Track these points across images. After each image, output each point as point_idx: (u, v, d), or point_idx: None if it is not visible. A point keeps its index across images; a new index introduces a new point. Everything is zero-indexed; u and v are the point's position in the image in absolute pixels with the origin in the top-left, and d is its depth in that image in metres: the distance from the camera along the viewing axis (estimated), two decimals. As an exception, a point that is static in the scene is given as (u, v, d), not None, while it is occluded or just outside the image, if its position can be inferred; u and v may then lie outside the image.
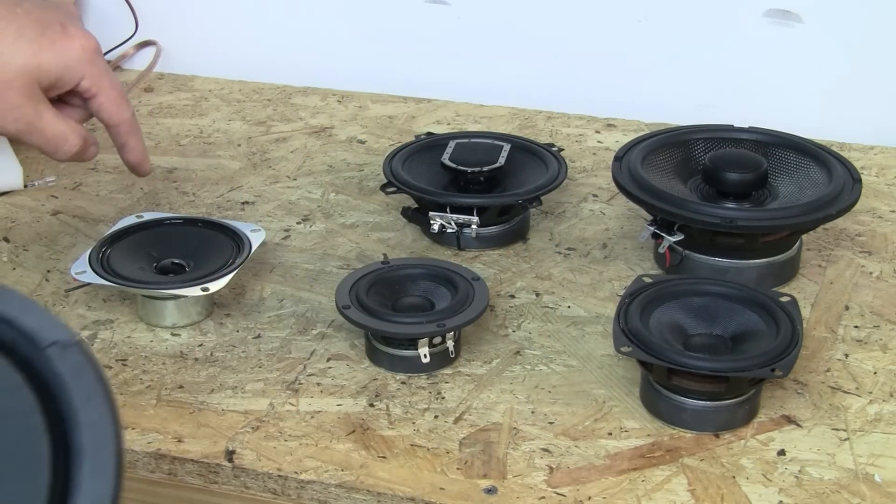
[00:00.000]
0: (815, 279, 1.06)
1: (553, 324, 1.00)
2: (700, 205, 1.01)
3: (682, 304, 0.91)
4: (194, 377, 0.93)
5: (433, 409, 0.89)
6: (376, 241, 1.13)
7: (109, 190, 1.23)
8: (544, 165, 1.14)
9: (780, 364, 0.83)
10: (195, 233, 1.05)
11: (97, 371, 0.49)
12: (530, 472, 0.82)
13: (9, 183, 1.22)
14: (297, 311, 1.02)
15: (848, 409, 0.89)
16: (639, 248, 1.11)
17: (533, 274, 1.07)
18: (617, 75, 1.43)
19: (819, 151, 1.08)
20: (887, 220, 1.16)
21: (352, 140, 1.33)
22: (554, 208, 1.18)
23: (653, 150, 1.09)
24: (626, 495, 0.80)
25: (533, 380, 0.93)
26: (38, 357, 0.51)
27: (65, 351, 0.50)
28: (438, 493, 0.81)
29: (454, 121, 1.38)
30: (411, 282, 0.98)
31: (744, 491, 0.81)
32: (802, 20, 1.36)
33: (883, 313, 1.01)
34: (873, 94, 1.36)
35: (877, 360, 0.95)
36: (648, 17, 1.41)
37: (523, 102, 1.42)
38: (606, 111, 1.39)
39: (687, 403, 0.86)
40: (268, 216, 1.17)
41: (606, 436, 0.86)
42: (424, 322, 0.92)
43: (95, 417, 0.48)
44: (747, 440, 0.86)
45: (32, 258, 1.11)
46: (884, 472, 0.82)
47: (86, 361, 0.50)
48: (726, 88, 1.38)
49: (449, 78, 1.45)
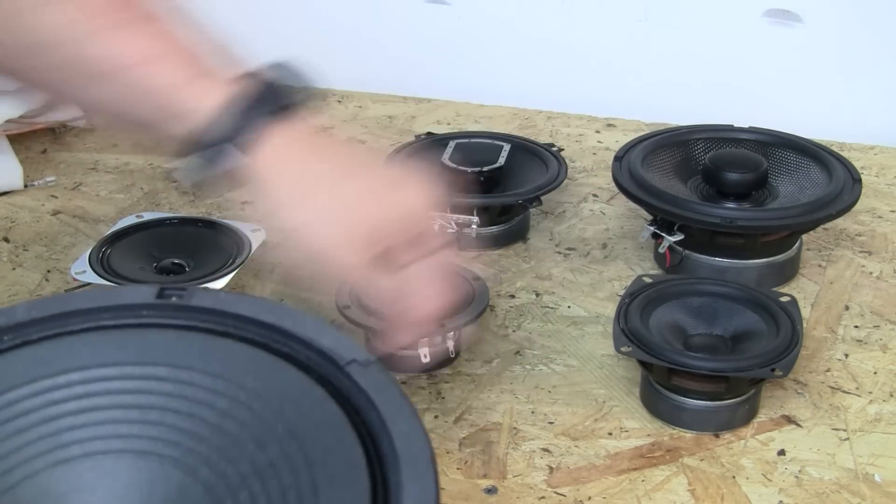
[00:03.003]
0: (815, 279, 1.06)
1: (553, 324, 1.00)
2: (700, 205, 1.01)
3: (682, 304, 0.91)
4: (194, 377, 0.93)
5: (433, 409, 0.89)
6: (376, 241, 1.13)
7: (109, 190, 1.23)
8: (544, 165, 1.14)
9: (780, 364, 0.83)
10: (195, 233, 1.05)
11: (399, 388, 0.54)
12: (530, 472, 0.82)
13: (9, 183, 1.22)
14: (297, 311, 1.02)
15: (848, 409, 0.89)
16: (639, 248, 1.11)
17: (533, 274, 1.07)
18: (617, 75, 1.43)
19: (819, 151, 1.08)
20: (887, 220, 1.16)
21: (352, 140, 1.33)
22: (554, 208, 1.18)
23: (653, 150, 1.09)
24: (626, 495, 0.80)
25: (533, 380, 0.93)
26: (338, 374, 0.55)
27: (365, 368, 0.55)
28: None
29: (454, 121, 1.38)
30: (411, 282, 0.98)
31: (744, 491, 0.80)
32: (802, 20, 1.36)
33: (883, 313, 1.01)
34: (873, 94, 1.36)
35: (877, 360, 0.95)
36: (648, 17, 1.41)
37: (523, 102, 1.42)
38: (606, 111, 1.39)
39: (687, 403, 0.86)
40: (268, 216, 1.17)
41: (606, 436, 0.86)
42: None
43: (407, 429, 0.52)
44: (747, 440, 0.86)
45: (32, 258, 1.11)
46: (884, 472, 0.82)
47: (388, 378, 0.54)
48: (726, 88, 1.38)
49: (449, 78, 1.45)
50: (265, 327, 0.59)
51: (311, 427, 0.53)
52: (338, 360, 0.56)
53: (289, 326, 0.58)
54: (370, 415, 0.53)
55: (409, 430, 0.52)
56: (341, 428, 0.53)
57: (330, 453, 0.52)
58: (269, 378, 0.56)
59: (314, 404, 0.54)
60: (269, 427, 0.54)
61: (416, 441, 0.51)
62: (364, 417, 0.53)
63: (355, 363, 0.55)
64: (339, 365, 0.55)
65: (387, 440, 0.52)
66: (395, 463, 0.50)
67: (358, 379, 0.55)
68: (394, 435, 0.51)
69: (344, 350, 0.56)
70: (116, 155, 1.31)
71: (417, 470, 0.50)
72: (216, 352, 0.58)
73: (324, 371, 0.56)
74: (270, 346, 0.58)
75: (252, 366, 0.57)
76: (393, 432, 0.52)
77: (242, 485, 0.52)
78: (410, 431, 0.52)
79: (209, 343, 0.59)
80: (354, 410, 0.54)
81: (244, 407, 0.55)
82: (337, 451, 0.52)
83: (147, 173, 1.27)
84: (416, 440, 0.51)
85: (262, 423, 0.54)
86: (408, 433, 0.52)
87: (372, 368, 0.55)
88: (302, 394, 0.55)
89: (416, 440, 0.51)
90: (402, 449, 0.51)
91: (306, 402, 0.54)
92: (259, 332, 0.59)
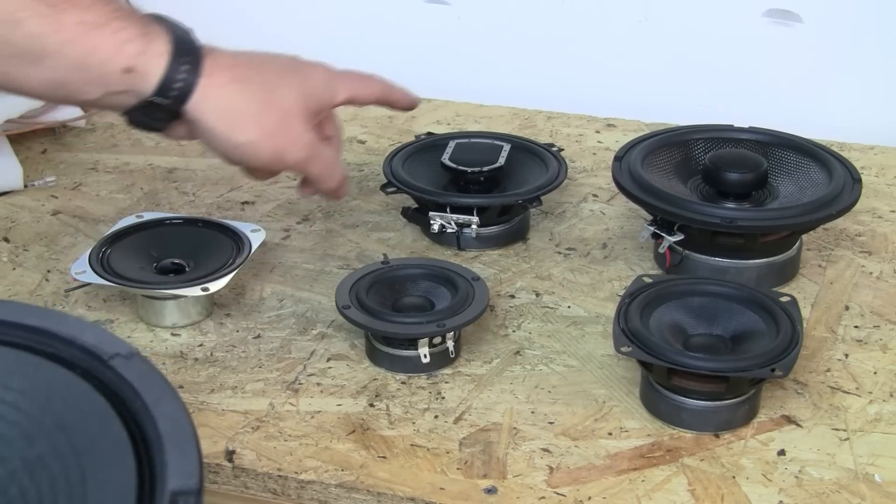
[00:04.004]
0: (815, 279, 1.06)
1: (553, 324, 1.00)
2: (700, 205, 1.01)
3: (682, 304, 0.91)
4: (194, 377, 0.93)
5: (433, 409, 0.89)
6: (376, 241, 1.13)
7: (109, 190, 1.23)
8: (544, 165, 1.14)
9: (780, 364, 0.83)
10: (195, 233, 1.05)
11: (161, 376, 0.57)
12: (530, 472, 0.82)
13: (9, 183, 1.22)
14: (297, 311, 1.02)
15: (848, 409, 0.89)
16: (639, 248, 1.11)
17: (533, 274, 1.07)
18: (617, 75, 1.43)
19: (819, 151, 1.08)
20: (887, 220, 1.16)
21: (352, 140, 1.33)
22: (554, 208, 1.18)
23: (653, 150, 1.09)
24: (626, 495, 0.80)
25: (533, 380, 0.93)
26: (102, 368, 0.58)
27: (128, 361, 0.58)
28: (438, 493, 0.81)
29: (454, 121, 1.38)
30: (411, 282, 0.98)
31: (744, 491, 0.80)
32: (802, 20, 1.36)
33: (883, 313, 1.01)
34: (873, 94, 1.36)
35: (877, 360, 0.95)
36: (648, 17, 1.41)
37: (523, 102, 1.42)
38: (606, 111, 1.39)
39: (687, 403, 0.86)
40: (268, 216, 1.17)
41: (606, 436, 0.86)
42: (424, 322, 0.92)
43: (170, 411, 0.55)
44: (747, 440, 0.86)
45: (32, 258, 1.11)
46: (884, 472, 0.82)
47: (150, 368, 0.58)
48: (726, 88, 1.38)
49: (449, 78, 1.45)
50: (28, 330, 0.61)
51: (79, 419, 0.55)
52: (101, 354, 0.58)
53: (52, 327, 0.61)
54: (135, 403, 0.56)
55: (172, 413, 0.55)
56: (107, 417, 0.55)
57: (97, 441, 0.54)
58: (34, 377, 0.58)
59: (80, 398, 0.57)
60: (37, 423, 0.56)
61: (179, 421, 0.54)
62: (129, 406, 0.56)
63: (118, 356, 0.58)
64: (103, 359, 0.58)
65: (151, 424, 0.54)
66: (160, 443, 0.53)
67: (122, 371, 0.57)
68: (157, 418, 0.54)
69: (107, 345, 0.59)
70: (116, 155, 1.32)
71: (180, 447, 0.53)
72: None
73: (88, 366, 0.58)
74: (35, 347, 0.60)
75: (17, 366, 0.59)
76: (156, 416, 0.54)
77: (11, 480, 0.54)
78: (173, 413, 0.55)
79: None
80: (120, 401, 0.56)
81: (10, 406, 0.57)
82: (103, 439, 0.54)
83: (147, 173, 1.27)
84: (178, 421, 0.54)
85: (30, 420, 0.56)
86: (171, 415, 0.54)
87: (135, 360, 0.58)
88: (68, 389, 0.57)
89: (178, 421, 0.54)
90: (166, 430, 0.54)
91: (72, 396, 0.57)
92: (22, 336, 0.61)
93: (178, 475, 0.52)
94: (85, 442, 0.54)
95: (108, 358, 0.58)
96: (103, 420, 0.55)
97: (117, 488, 0.52)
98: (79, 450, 0.54)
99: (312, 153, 0.90)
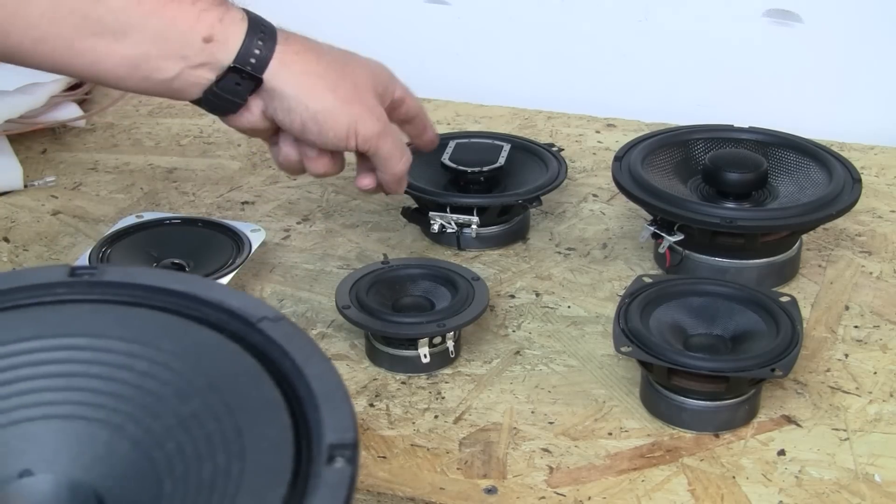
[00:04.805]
0: (815, 279, 1.06)
1: (553, 324, 1.00)
2: (700, 205, 1.01)
3: (682, 304, 0.91)
4: (194, 377, 0.93)
5: (433, 409, 0.89)
6: (376, 241, 1.13)
7: (109, 190, 1.24)
8: (544, 165, 1.14)
9: (780, 364, 0.83)
10: (195, 233, 1.05)
11: (309, 337, 0.58)
12: (530, 472, 0.82)
13: (9, 183, 1.22)
14: (297, 311, 1.02)
15: (848, 409, 0.89)
16: (639, 248, 1.11)
17: (533, 274, 1.07)
18: (617, 75, 1.43)
19: (819, 151, 1.08)
20: (887, 220, 1.16)
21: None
22: (554, 208, 1.18)
23: (653, 150, 1.09)
24: (626, 495, 0.80)
25: (533, 380, 0.93)
26: (250, 331, 0.59)
27: (276, 323, 0.59)
28: (438, 493, 0.81)
29: (454, 121, 1.38)
30: (411, 282, 0.98)
31: (744, 491, 0.80)
32: (802, 20, 1.36)
33: (883, 313, 1.01)
34: (873, 94, 1.36)
35: (877, 360, 0.95)
36: (648, 17, 1.41)
37: (523, 102, 1.42)
38: (606, 111, 1.39)
39: (687, 403, 0.86)
40: (268, 216, 1.17)
41: (606, 436, 0.86)
42: (424, 322, 0.92)
43: (320, 371, 0.55)
44: (747, 440, 0.86)
45: (32, 258, 1.11)
46: (884, 472, 0.82)
47: (297, 330, 0.58)
48: (726, 88, 1.38)
49: (449, 78, 1.45)
50: (176, 295, 0.62)
51: (230, 379, 0.56)
52: (249, 317, 0.59)
53: (198, 292, 0.62)
54: (285, 363, 0.57)
55: (323, 372, 0.55)
56: (258, 377, 0.56)
57: (250, 400, 0.55)
58: (184, 339, 0.59)
59: (230, 359, 0.57)
60: (189, 382, 0.57)
61: (330, 380, 0.55)
62: (279, 366, 0.57)
63: (266, 320, 0.59)
64: (251, 322, 0.59)
65: (302, 383, 0.55)
66: (313, 401, 0.54)
67: (270, 333, 0.58)
68: (309, 377, 0.55)
69: (254, 309, 0.60)
70: (116, 155, 1.32)
71: (334, 404, 0.53)
72: (131, 320, 0.61)
73: (236, 329, 0.59)
74: (183, 311, 0.61)
75: (167, 330, 0.60)
76: (308, 375, 0.55)
77: (168, 436, 0.55)
78: (324, 373, 0.55)
79: (124, 313, 0.61)
80: (269, 361, 0.57)
81: (163, 367, 0.58)
82: (256, 398, 0.55)
83: (147, 173, 1.27)
84: (329, 379, 0.55)
85: (182, 379, 0.57)
86: (321, 375, 0.55)
87: (282, 323, 0.59)
88: (218, 350, 0.58)
89: (329, 379, 0.55)
90: (318, 388, 0.54)
91: (223, 357, 0.58)
92: (171, 301, 0.62)
93: (334, 430, 0.52)
94: (238, 400, 0.55)
95: (256, 321, 0.59)
96: (254, 379, 0.56)
97: (274, 443, 0.52)
98: (232, 408, 0.55)
99: (386, 128, 0.90)
